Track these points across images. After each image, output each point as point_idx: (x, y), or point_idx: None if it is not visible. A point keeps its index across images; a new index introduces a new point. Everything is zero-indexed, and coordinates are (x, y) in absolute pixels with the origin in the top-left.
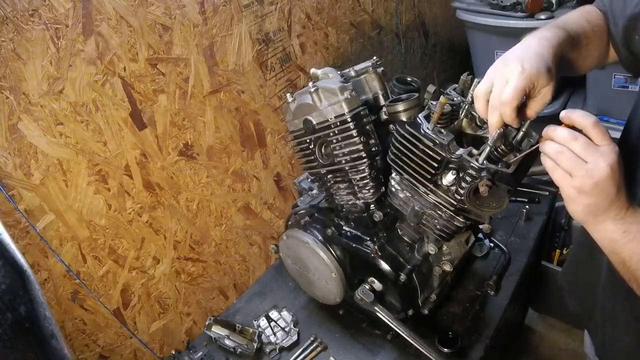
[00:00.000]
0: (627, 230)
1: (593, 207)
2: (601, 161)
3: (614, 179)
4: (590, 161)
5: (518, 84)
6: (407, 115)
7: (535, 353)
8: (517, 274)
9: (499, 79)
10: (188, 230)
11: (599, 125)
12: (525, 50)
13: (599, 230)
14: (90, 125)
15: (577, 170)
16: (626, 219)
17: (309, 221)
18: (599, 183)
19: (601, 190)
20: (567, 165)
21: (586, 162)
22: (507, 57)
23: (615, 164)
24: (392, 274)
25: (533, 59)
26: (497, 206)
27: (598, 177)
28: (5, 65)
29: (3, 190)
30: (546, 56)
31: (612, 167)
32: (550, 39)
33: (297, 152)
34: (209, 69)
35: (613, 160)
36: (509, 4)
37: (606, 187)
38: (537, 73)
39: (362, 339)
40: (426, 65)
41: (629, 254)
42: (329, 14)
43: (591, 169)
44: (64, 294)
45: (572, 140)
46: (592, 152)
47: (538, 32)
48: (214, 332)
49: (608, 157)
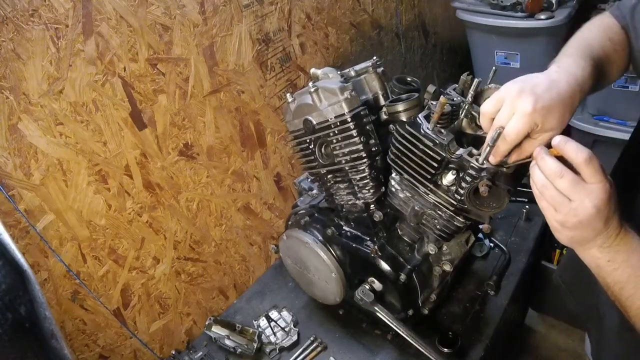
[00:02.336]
0: (612, 260)
1: (577, 239)
2: (587, 201)
3: (600, 216)
4: (575, 200)
5: (522, 126)
6: (407, 115)
7: (535, 353)
8: (517, 274)
9: (509, 105)
10: (188, 230)
11: (592, 162)
12: (548, 86)
13: (585, 256)
14: (90, 125)
15: (561, 207)
16: (613, 247)
17: (309, 221)
18: (583, 221)
19: (585, 226)
20: (550, 200)
21: (571, 201)
22: (526, 85)
23: (603, 203)
24: (392, 274)
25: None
26: (497, 206)
27: (582, 216)
28: (5, 65)
29: (3, 190)
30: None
31: (599, 207)
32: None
33: (297, 152)
34: (209, 69)
35: (601, 200)
36: (509, 4)
37: (591, 223)
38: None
39: (362, 339)
40: (426, 65)
41: (612, 281)
42: (329, 14)
43: (575, 208)
44: (64, 294)
45: (557, 178)
46: (579, 191)
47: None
48: (214, 332)
49: (595, 198)
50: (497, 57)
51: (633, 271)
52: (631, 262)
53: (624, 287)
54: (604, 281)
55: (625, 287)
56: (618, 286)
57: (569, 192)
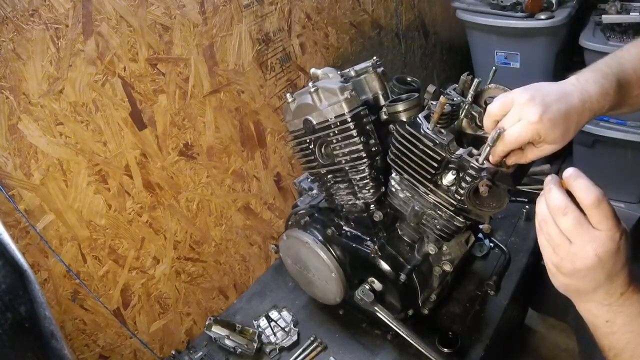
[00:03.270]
0: (611, 321)
1: (573, 288)
2: (589, 248)
3: (603, 267)
4: (576, 243)
5: (524, 133)
6: (407, 115)
7: (535, 353)
8: (517, 274)
9: (517, 110)
10: (188, 230)
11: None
12: (558, 98)
13: (582, 309)
14: (90, 125)
15: (559, 249)
16: (613, 306)
17: (309, 221)
18: (581, 270)
19: (584, 276)
20: (548, 238)
21: (571, 243)
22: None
23: (608, 255)
24: (392, 274)
25: (557, 114)
26: (497, 206)
27: (580, 264)
28: (5, 65)
29: (3, 190)
30: (574, 119)
31: (601, 257)
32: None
33: (297, 152)
34: (209, 69)
35: (605, 251)
36: (509, 4)
37: (590, 274)
38: (550, 130)
39: (362, 339)
40: (426, 65)
41: (608, 345)
42: (329, 14)
43: (574, 253)
44: (64, 294)
45: (560, 214)
46: (581, 234)
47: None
48: (214, 332)
49: (599, 246)
50: (497, 57)
51: (633, 338)
52: (632, 328)
53: (620, 354)
54: (600, 343)
55: (621, 355)
56: (613, 352)
57: (570, 233)
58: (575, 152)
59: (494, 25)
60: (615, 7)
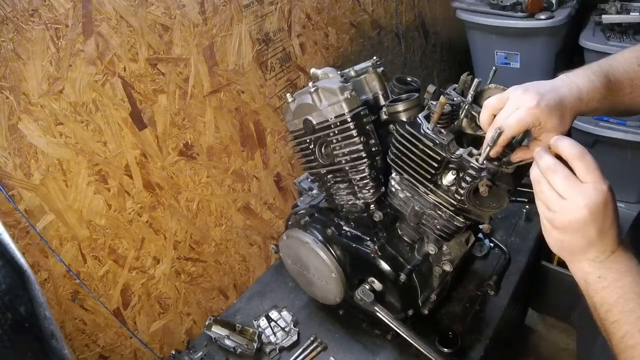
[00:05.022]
0: (603, 277)
1: (567, 245)
2: (579, 200)
3: (594, 220)
4: (568, 198)
5: (524, 116)
6: (407, 115)
7: (535, 353)
8: (517, 274)
9: (513, 101)
10: (188, 230)
11: (585, 159)
12: (550, 89)
13: (574, 269)
14: (90, 125)
15: (552, 204)
16: (605, 263)
17: (309, 221)
18: (573, 224)
19: (576, 230)
20: (541, 197)
21: (563, 198)
22: (531, 87)
23: (597, 206)
24: (392, 274)
25: (552, 102)
26: (497, 206)
27: (572, 217)
28: (5, 65)
29: (3, 190)
30: (567, 107)
31: (592, 209)
32: (582, 89)
33: (297, 152)
34: (209, 69)
35: (594, 201)
36: (509, 4)
37: (582, 228)
38: (548, 116)
39: (362, 339)
40: (426, 65)
41: (600, 301)
42: (329, 14)
43: (565, 207)
44: (64, 294)
45: (550, 173)
46: (571, 188)
47: (575, 73)
48: (214, 332)
49: (588, 197)
50: (497, 57)
51: (623, 293)
52: (622, 283)
53: (611, 309)
54: (591, 300)
55: (612, 311)
56: (604, 308)
57: (561, 189)
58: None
59: (494, 25)
60: (615, 7)
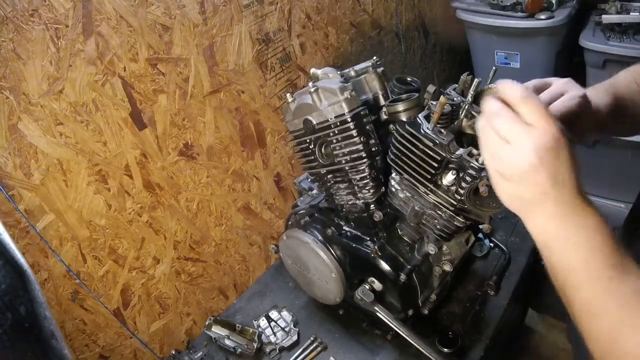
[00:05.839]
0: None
1: (519, 196)
2: (525, 146)
3: (544, 167)
4: (513, 142)
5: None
6: (407, 115)
7: (535, 353)
8: (517, 274)
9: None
10: (188, 230)
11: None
12: None
13: (530, 225)
14: (90, 125)
15: (498, 152)
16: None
17: (309, 221)
18: (521, 170)
19: (524, 179)
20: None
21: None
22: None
23: (546, 150)
24: (392, 274)
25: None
26: (497, 206)
27: (519, 163)
28: (5, 65)
29: (3, 190)
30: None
31: (540, 154)
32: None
33: (297, 152)
34: (209, 69)
35: (542, 146)
36: (509, 4)
37: (532, 176)
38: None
39: (362, 339)
40: (426, 65)
41: (559, 262)
42: (329, 14)
43: (512, 152)
44: (64, 294)
45: (493, 117)
46: (516, 132)
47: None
48: (214, 332)
49: (535, 142)
50: (497, 57)
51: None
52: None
53: (572, 272)
54: (549, 261)
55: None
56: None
57: (506, 132)
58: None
59: (494, 25)
60: (615, 7)
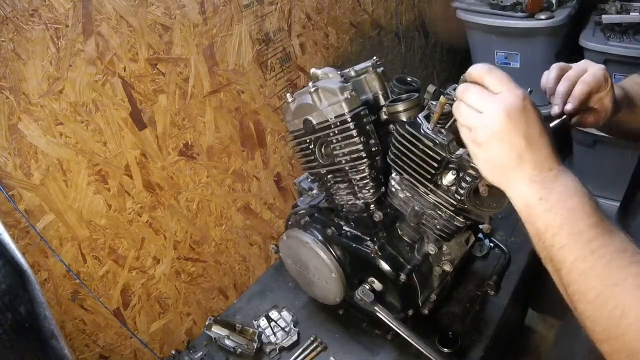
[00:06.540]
0: (544, 198)
1: (497, 162)
2: (494, 108)
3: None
4: (484, 110)
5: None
6: (407, 115)
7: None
8: (517, 274)
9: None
10: (188, 230)
11: (493, 72)
12: None
13: (512, 193)
14: (90, 125)
15: (472, 122)
16: (545, 183)
17: (309, 221)
18: (495, 133)
19: (500, 140)
20: (462, 119)
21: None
22: None
23: (516, 110)
24: (392, 274)
25: None
26: (497, 206)
27: (492, 125)
28: (5, 65)
29: (3, 190)
30: None
31: (510, 113)
32: None
33: (297, 152)
34: (209, 69)
35: (511, 106)
36: (509, 4)
37: (506, 137)
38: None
39: (362, 339)
40: (426, 65)
41: (544, 226)
42: (329, 14)
43: (483, 119)
44: (64, 294)
45: (464, 93)
46: (486, 100)
47: None
48: (214, 332)
49: (503, 103)
50: (497, 57)
51: (569, 215)
52: (567, 205)
53: (558, 233)
54: (534, 227)
55: (559, 234)
56: (550, 232)
57: (476, 104)
58: (575, 152)
59: (494, 25)
60: (615, 7)
